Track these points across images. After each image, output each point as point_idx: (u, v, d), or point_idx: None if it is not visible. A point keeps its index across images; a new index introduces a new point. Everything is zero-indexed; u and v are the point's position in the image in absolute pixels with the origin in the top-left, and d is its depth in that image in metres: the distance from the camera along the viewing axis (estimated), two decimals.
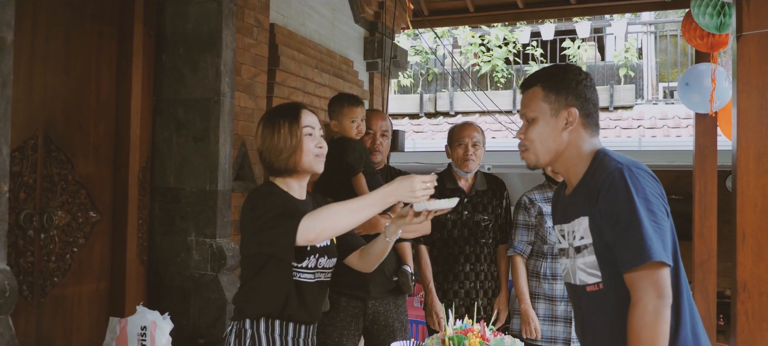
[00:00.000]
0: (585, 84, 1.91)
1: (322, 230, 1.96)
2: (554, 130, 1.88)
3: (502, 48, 10.76)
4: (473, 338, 2.27)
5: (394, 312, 3.20)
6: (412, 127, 10.05)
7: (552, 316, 3.25)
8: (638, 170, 1.75)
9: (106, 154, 3.19)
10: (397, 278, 3.16)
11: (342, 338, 3.08)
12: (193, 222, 3.28)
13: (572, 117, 1.87)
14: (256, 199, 2.15)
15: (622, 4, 6.50)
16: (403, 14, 5.92)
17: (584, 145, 1.89)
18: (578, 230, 1.85)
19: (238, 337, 2.13)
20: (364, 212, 1.99)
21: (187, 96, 3.33)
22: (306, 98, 4.37)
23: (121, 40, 3.25)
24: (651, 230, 1.66)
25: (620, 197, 1.71)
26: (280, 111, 2.25)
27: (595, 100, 1.93)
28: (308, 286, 2.16)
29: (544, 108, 1.89)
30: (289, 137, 2.16)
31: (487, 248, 3.54)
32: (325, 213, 1.98)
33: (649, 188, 1.73)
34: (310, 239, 1.96)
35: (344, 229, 2.02)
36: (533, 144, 1.91)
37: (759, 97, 2.61)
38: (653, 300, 1.64)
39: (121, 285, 3.21)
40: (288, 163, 2.17)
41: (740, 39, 2.65)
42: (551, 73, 1.93)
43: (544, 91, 1.90)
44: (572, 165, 1.90)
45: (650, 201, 1.70)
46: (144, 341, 2.66)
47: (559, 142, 1.88)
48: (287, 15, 4.34)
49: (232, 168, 3.41)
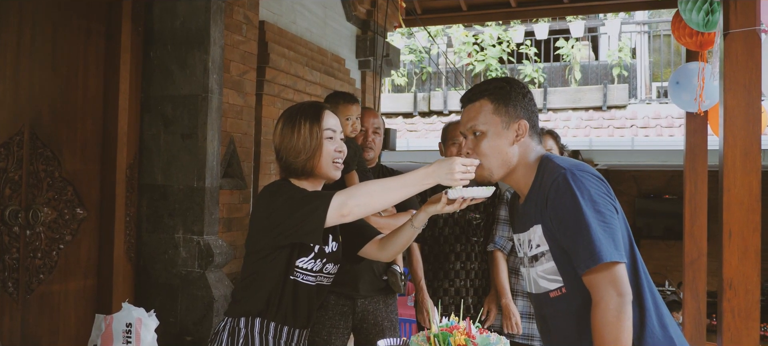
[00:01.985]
0: (529, 97, 1.93)
1: (355, 206, 1.90)
2: (505, 143, 1.87)
3: (495, 47, 10.76)
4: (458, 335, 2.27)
5: (384, 311, 3.19)
6: (405, 126, 10.05)
7: (530, 313, 3.25)
8: (582, 173, 1.76)
9: (93, 150, 3.18)
10: (386, 277, 3.15)
11: (331, 336, 3.07)
12: (181, 219, 3.26)
13: (522, 129, 1.87)
14: (273, 188, 2.07)
15: (615, 3, 6.51)
16: (395, 12, 5.92)
17: (531, 155, 1.90)
18: (534, 238, 1.86)
19: (232, 335, 2.07)
20: (400, 192, 1.93)
21: (175, 93, 3.31)
22: (296, 96, 4.36)
23: (109, 37, 3.23)
24: (600, 231, 1.68)
25: (566, 201, 1.72)
26: (302, 109, 2.14)
27: (537, 112, 1.96)
28: (309, 289, 2.11)
29: (495, 121, 1.88)
30: (309, 138, 2.07)
31: (479, 246, 3.53)
32: (360, 189, 1.93)
33: (594, 189, 1.74)
34: (344, 214, 1.90)
35: (378, 208, 1.95)
36: (486, 159, 1.88)
37: (746, 95, 2.61)
38: (613, 299, 1.65)
39: (109, 282, 3.19)
40: (306, 166, 2.09)
41: (727, 37, 2.65)
42: (498, 87, 1.91)
43: (494, 104, 1.89)
44: (522, 175, 1.90)
45: (596, 202, 1.71)
46: (129, 338, 2.64)
47: (510, 155, 1.88)
48: (278, 12, 4.33)
49: (220, 165, 3.40)
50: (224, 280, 3.29)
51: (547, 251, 1.82)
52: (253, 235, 2.11)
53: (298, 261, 2.04)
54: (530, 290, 1.96)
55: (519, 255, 1.99)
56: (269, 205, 2.03)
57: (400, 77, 11.19)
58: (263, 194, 2.11)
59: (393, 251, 2.24)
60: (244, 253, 2.18)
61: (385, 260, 2.30)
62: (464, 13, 6.54)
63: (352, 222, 2.09)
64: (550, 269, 1.83)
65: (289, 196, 2.00)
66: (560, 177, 1.74)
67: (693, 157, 4.76)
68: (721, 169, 2.65)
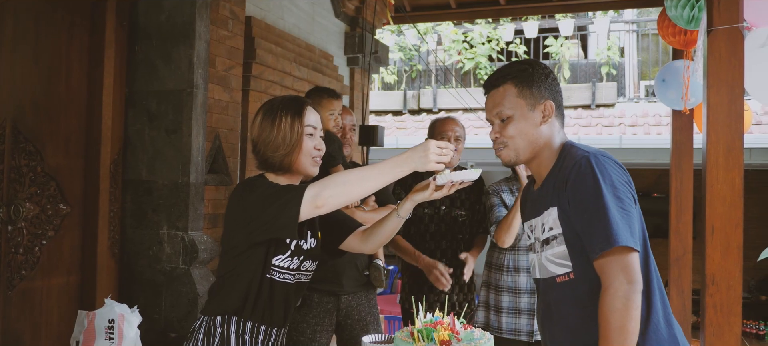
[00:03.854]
0: (552, 78, 1.93)
1: (329, 196, 1.86)
2: (533, 125, 1.87)
3: (485, 45, 10.77)
4: (442, 330, 2.27)
5: (367, 306, 3.19)
6: (395, 123, 10.04)
7: (516, 308, 3.25)
8: (604, 159, 1.76)
9: (76, 145, 3.15)
10: (368, 272, 3.14)
11: (315, 334, 3.06)
12: (165, 215, 3.25)
13: (549, 110, 1.87)
14: (247, 185, 2.04)
15: (603, 2, 6.54)
16: (384, 9, 5.91)
17: (556, 138, 1.90)
18: (547, 221, 1.85)
19: (208, 334, 2.03)
20: (376, 180, 1.89)
21: (159, 88, 3.29)
22: (283, 92, 4.34)
23: (93, 31, 3.21)
24: (618, 216, 1.67)
25: (587, 184, 1.72)
26: (284, 103, 2.09)
27: (559, 91, 1.94)
28: (286, 287, 2.07)
29: (520, 103, 1.88)
30: (290, 133, 2.03)
31: (464, 244, 3.53)
32: (335, 179, 1.88)
33: (616, 175, 1.74)
34: (318, 205, 1.86)
35: (355, 197, 1.91)
36: (514, 140, 1.89)
37: (728, 92, 2.62)
38: (623, 285, 1.64)
39: (92, 278, 3.17)
40: (284, 162, 2.05)
41: (711, 34, 2.66)
42: (521, 69, 1.91)
43: (518, 87, 1.89)
44: (545, 158, 1.90)
45: (617, 188, 1.71)
46: (112, 334, 2.62)
47: (538, 136, 1.87)
48: (265, 8, 4.31)
49: (205, 161, 3.39)
50: (209, 276, 3.28)
51: (559, 234, 1.81)
52: (228, 232, 2.07)
53: (274, 259, 2.01)
54: (536, 276, 1.95)
55: (529, 241, 1.98)
56: (242, 201, 2.00)
57: (389, 75, 11.18)
58: (237, 191, 2.07)
59: (378, 241, 2.18)
60: (220, 251, 2.15)
61: (368, 252, 2.26)
62: (453, 10, 6.54)
63: (333, 215, 2.07)
64: (560, 253, 1.82)
65: (262, 191, 1.96)
66: (583, 160, 1.75)
67: (679, 155, 4.79)
68: (704, 166, 2.66)
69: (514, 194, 3.36)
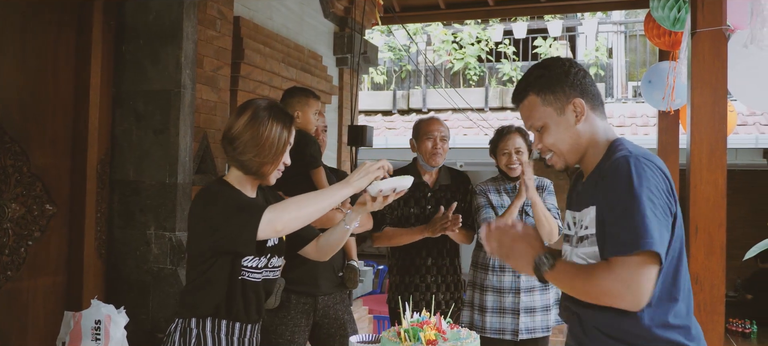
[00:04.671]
0: (574, 72, 1.82)
1: (289, 220, 1.95)
2: (568, 128, 1.80)
3: (474, 46, 10.80)
4: (429, 330, 2.28)
5: (341, 305, 3.20)
6: (384, 123, 10.05)
7: (500, 308, 3.27)
8: (647, 161, 1.66)
9: (63, 146, 3.14)
10: (342, 273, 3.16)
11: (293, 335, 3.06)
12: (153, 215, 3.24)
13: (579, 108, 1.79)
14: (208, 195, 2.06)
15: (591, 3, 6.57)
16: (373, 10, 5.91)
17: (600, 132, 1.81)
18: (585, 219, 1.79)
19: (184, 335, 2.06)
20: (325, 202, 1.99)
21: (147, 88, 3.29)
22: (272, 92, 4.34)
23: (80, 31, 3.20)
24: (652, 218, 1.57)
25: (622, 184, 1.63)
26: (274, 111, 2.09)
27: (591, 82, 1.84)
28: (255, 285, 2.12)
29: (548, 112, 1.82)
30: (276, 143, 2.06)
31: (450, 243, 3.54)
32: (290, 205, 1.96)
33: (655, 181, 1.63)
34: (277, 229, 1.93)
35: (308, 220, 2.01)
36: (555, 147, 1.84)
37: (712, 93, 2.65)
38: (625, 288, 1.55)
39: (79, 279, 3.16)
40: (258, 168, 2.07)
41: (695, 36, 2.69)
42: (538, 76, 1.85)
43: (540, 96, 1.83)
44: (591, 156, 1.82)
45: (653, 193, 1.61)
46: (98, 335, 2.62)
47: (577, 137, 1.81)
48: (254, 8, 4.31)
49: (192, 161, 3.38)
50: None
51: (593, 235, 1.74)
52: (192, 240, 2.10)
53: (243, 261, 2.06)
54: None
55: (567, 232, 1.90)
56: (205, 211, 2.02)
57: (379, 75, 11.19)
58: (199, 199, 2.09)
59: (327, 250, 2.30)
60: (186, 256, 2.18)
61: (323, 259, 2.36)
62: (443, 11, 6.56)
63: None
64: (591, 254, 1.76)
65: (225, 203, 1.99)
66: (623, 159, 1.66)
67: (665, 155, 4.82)
68: (688, 166, 2.68)
69: (502, 194, 3.37)
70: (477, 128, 8.81)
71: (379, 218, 3.50)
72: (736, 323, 7.61)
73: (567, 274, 1.72)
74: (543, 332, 3.30)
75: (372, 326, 6.53)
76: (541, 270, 1.76)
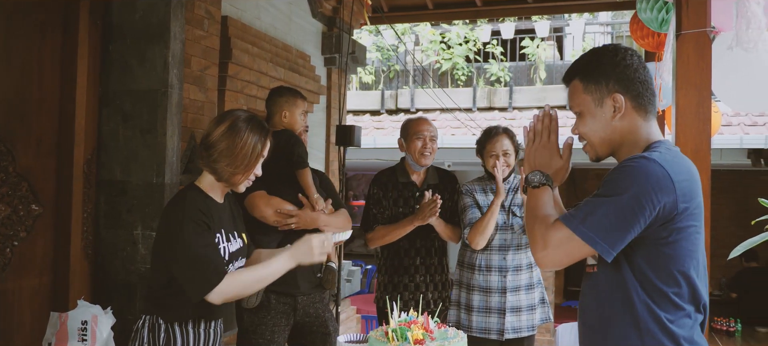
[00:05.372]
0: (625, 63, 1.75)
1: (237, 292, 2.14)
2: (603, 121, 1.77)
3: (462, 46, 10.83)
4: (417, 329, 2.29)
5: (321, 304, 3.20)
6: (373, 123, 10.06)
7: (486, 307, 3.29)
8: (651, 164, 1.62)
9: (49, 146, 3.12)
10: (320, 274, 3.15)
11: (273, 335, 3.06)
12: (140, 215, 3.23)
13: (619, 103, 1.74)
14: (175, 223, 2.10)
15: (579, 4, 6.62)
16: (361, 10, 5.92)
17: (640, 133, 1.75)
18: None
19: (152, 331, 2.16)
20: (269, 279, 2.19)
21: (134, 87, 3.27)
22: (260, 92, 4.34)
23: (66, 30, 3.18)
24: (601, 212, 1.61)
25: (611, 173, 1.66)
26: (251, 124, 2.18)
27: (643, 78, 1.76)
28: None
29: (586, 100, 1.78)
30: (251, 155, 2.16)
31: (438, 242, 3.56)
32: (238, 283, 2.13)
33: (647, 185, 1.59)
34: (224, 298, 2.09)
35: (255, 290, 2.30)
36: (587, 137, 1.81)
37: (696, 95, 2.68)
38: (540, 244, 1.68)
39: (65, 279, 3.14)
40: (229, 177, 2.17)
41: (680, 37, 2.71)
42: (586, 62, 1.81)
43: (583, 82, 1.79)
44: (625, 152, 1.78)
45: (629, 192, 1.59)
46: (85, 336, 2.61)
47: (611, 133, 1.77)
48: (241, 8, 4.30)
49: (180, 161, 3.37)
50: None
51: None
52: (161, 253, 2.19)
53: None
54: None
55: None
56: (171, 237, 2.11)
57: (367, 75, 11.19)
58: (165, 217, 2.19)
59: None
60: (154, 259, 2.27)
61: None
62: (431, 11, 6.58)
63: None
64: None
65: (187, 243, 2.06)
66: (635, 158, 1.65)
67: None
68: None
69: (488, 193, 3.39)
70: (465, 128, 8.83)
71: (370, 219, 3.51)
72: (720, 322, 7.69)
73: (539, 202, 1.80)
74: (528, 331, 3.32)
75: (360, 325, 6.54)
76: (531, 182, 1.84)
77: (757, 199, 2.65)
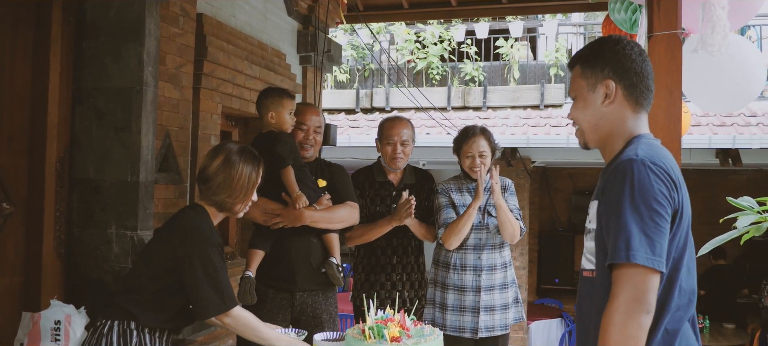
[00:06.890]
0: (623, 53, 1.74)
1: (241, 325, 2.35)
2: (593, 106, 1.76)
3: (437, 45, 10.88)
4: (393, 327, 2.31)
5: (323, 304, 3.20)
6: (347, 122, 10.05)
7: (460, 306, 3.32)
8: (647, 168, 1.61)
9: (20, 143, 3.08)
10: (324, 269, 3.17)
11: None
12: (114, 214, 3.19)
13: (610, 90, 1.73)
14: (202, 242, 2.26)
15: (551, 5, 6.69)
16: (337, 9, 5.91)
17: (626, 124, 1.75)
18: (591, 212, 1.78)
19: (123, 337, 2.21)
20: (265, 342, 2.41)
21: (108, 85, 3.24)
22: (235, 90, 4.32)
23: (39, 26, 3.13)
24: (637, 230, 1.56)
25: (616, 188, 1.61)
26: (245, 156, 2.36)
27: (639, 70, 1.74)
28: None
29: (581, 85, 1.79)
30: (247, 185, 2.34)
31: (415, 241, 3.58)
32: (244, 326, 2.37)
33: (655, 186, 1.59)
34: (234, 322, 2.30)
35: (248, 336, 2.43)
36: (578, 122, 1.82)
37: (667, 96, 2.73)
38: (628, 303, 1.54)
39: (37, 279, 3.10)
40: (231, 206, 2.35)
41: (651, 39, 2.76)
42: (589, 48, 1.81)
43: (581, 67, 1.80)
44: (610, 143, 1.78)
45: (649, 201, 1.58)
46: (58, 336, 2.58)
47: (601, 121, 1.76)
48: (216, 5, 4.27)
49: (155, 159, 3.34)
50: None
51: (593, 229, 1.74)
52: (161, 253, 2.28)
53: None
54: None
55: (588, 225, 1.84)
56: (193, 254, 2.24)
57: (342, 74, 11.18)
58: (178, 232, 2.30)
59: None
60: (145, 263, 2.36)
61: None
62: (406, 10, 6.60)
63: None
64: (590, 249, 1.77)
65: (216, 268, 2.24)
66: (626, 162, 1.63)
67: None
68: None
69: (464, 193, 3.42)
70: (439, 127, 8.87)
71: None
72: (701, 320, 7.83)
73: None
74: (502, 330, 3.36)
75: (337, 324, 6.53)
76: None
77: (725, 198, 2.71)
